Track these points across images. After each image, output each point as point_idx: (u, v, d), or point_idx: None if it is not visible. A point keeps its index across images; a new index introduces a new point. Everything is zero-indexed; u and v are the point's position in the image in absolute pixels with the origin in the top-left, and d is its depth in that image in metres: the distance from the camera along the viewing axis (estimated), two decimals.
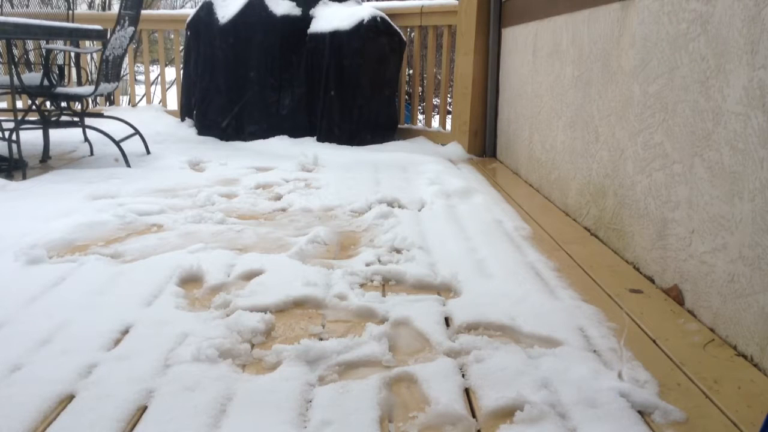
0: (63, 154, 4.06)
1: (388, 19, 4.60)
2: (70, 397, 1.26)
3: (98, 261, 2.02)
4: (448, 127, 4.75)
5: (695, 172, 1.70)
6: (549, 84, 3.07)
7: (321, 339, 1.53)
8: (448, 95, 5.93)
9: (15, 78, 3.33)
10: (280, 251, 2.17)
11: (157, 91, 5.92)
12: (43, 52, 3.66)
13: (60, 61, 4.34)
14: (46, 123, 3.74)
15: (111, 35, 3.60)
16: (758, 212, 1.42)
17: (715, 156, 1.60)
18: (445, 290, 1.87)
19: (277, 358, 1.41)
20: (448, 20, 4.47)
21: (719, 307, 1.56)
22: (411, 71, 5.23)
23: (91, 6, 10.23)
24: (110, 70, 3.76)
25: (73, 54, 4.52)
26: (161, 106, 5.45)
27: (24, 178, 3.29)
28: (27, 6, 4.45)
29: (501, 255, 2.14)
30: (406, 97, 5.52)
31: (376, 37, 4.49)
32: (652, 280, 1.94)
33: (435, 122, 5.01)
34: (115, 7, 9.50)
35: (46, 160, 3.79)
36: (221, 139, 4.65)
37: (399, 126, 4.84)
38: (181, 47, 5.81)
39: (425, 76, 5.01)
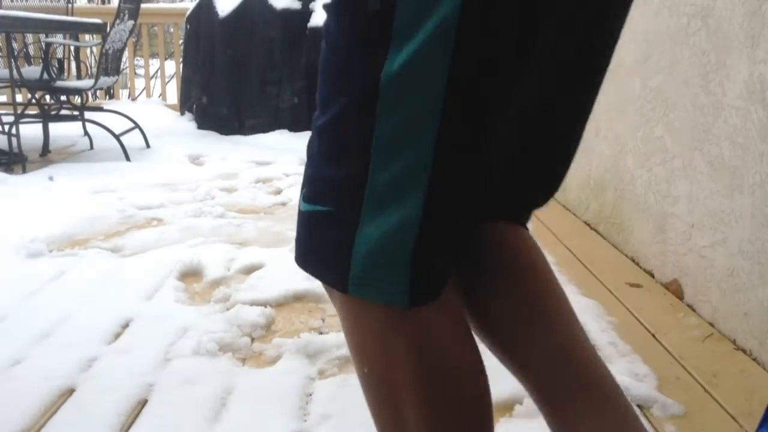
0: (63, 147, 4.05)
1: None
2: (71, 391, 1.26)
3: (98, 255, 2.03)
4: None
5: (695, 166, 1.70)
6: None
7: (321, 333, 1.53)
8: None
9: (14, 71, 3.33)
10: (280, 245, 2.17)
11: (156, 84, 5.91)
12: (43, 46, 3.65)
13: (59, 55, 4.33)
14: (46, 117, 3.73)
15: (110, 29, 3.59)
16: (758, 206, 1.42)
17: (715, 150, 1.60)
18: None
19: (277, 351, 1.42)
20: None
21: (719, 301, 1.56)
22: None
23: None
24: (110, 64, 3.75)
25: (72, 47, 4.51)
26: (161, 100, 5.44)
27: (24, 171, 3.28)
28: None
29: None
30: None
31: None
32: (651, 275, 1.94)
33: None
34: (115, 1, 9.46)
35: (45, 154, 3.79)
36: (221, 132, 4.64)
37: None
38: (181, 41, 5.80)
39: None
